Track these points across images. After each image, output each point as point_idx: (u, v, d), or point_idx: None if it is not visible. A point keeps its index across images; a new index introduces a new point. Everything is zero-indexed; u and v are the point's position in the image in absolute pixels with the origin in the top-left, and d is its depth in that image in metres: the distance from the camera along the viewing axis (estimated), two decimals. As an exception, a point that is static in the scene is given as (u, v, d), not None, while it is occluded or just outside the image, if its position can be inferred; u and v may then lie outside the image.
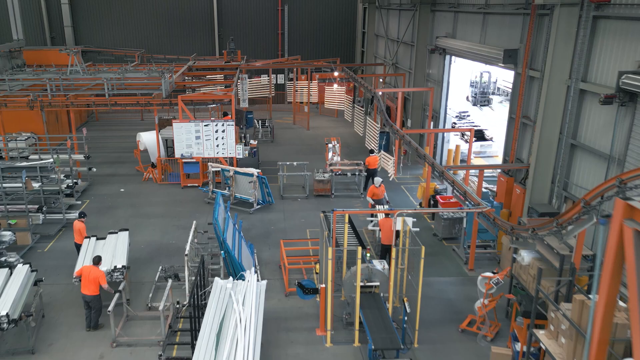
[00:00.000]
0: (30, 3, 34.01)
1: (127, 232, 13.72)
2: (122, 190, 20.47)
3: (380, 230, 14.02)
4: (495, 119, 30.82)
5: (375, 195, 16.13)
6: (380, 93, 21.04)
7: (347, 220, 11.86)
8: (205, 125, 20.11)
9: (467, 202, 11.90)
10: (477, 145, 24.32)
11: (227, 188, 19.22)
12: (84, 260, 12.63)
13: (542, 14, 13.31)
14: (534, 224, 9.04)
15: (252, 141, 22.92)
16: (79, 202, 18.06)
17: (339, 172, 19.57)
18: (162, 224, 17.31)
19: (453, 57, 20.12)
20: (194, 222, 13.98)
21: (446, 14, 20.24)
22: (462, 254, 14.41)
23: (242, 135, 22.47)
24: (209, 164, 19.19)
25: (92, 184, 20.95)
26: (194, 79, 29.36)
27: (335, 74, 30.96)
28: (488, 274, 10.58)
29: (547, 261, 10.07)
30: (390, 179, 18.31)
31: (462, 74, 21.39)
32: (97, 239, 13.66)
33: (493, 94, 33.57)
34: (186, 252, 11.93)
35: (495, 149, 24.39)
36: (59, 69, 22.12)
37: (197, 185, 20.67)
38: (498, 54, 14.72)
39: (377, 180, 16.28)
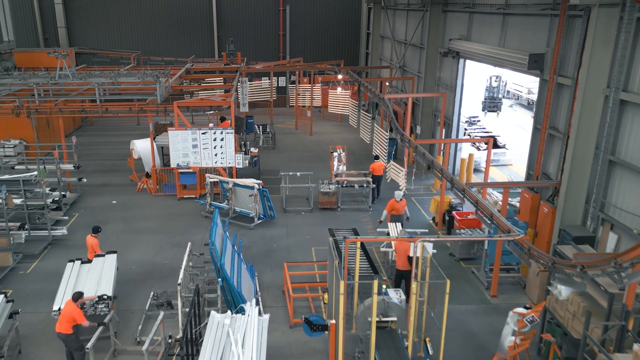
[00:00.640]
0: (22, 3, 32.77)
1: (114, 256, 12.47)
2: (114, 202, 19.22)
3: (394, 251, 12.78)
4: (504, 125, 29.59)
5: (395, 210, 14.84)
6: (388, 99, 19.77)
7: (358, 245, 10.59)
8: (202, 133, 18.87)
9: (492, 224, 10.64)
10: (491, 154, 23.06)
11: (225, 201, 17.98)
12: (65, 288, 11.39)
13: (574, 15, 12.06)
14: (583, 260, 7.76)
15: (252, 149, 21.67)
16: (66, 218, 16.78)
17: (346, 183, 18.31)
18: (156, 240, 16.05)
19: (466, 61, 18.86)
20: (189, 243, 12.70)
21: (460, 14, 18.99)
22: (483, 278, 13.15)
23: (242, 143, 21.22)
24: (207, 175, 17.94)
25: (83, 195, 19.69)
26: (192, 83, 28.11)
27: (339, 76, 29.72)
28: (520, 309, 9.31)
29: (589, 297, 8.82)
30: (403, 190, 17.03)
31: (474, 78, 20.14)
32: (82, 262, 12.39)
33: (503, 98, 32.28)
34: (179, 281, 10.67)
35: (509, 157, 23.13)
36: (48, 73, 20.82)
37: (194, 197, 19.42)
38: (522, 59, 13.46)
39: (398, 194, 14.96)
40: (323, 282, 12.94)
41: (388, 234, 14.40)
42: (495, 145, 24.20)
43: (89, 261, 12.41)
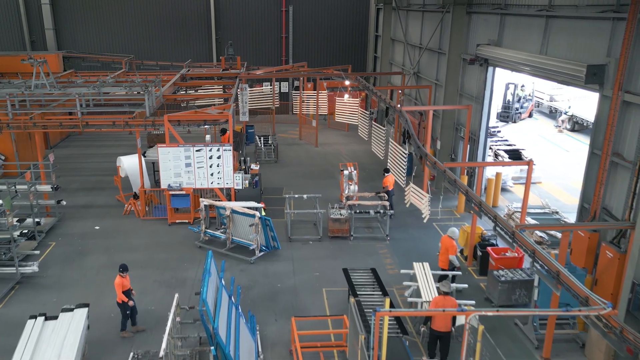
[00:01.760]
0: (7, 2, 30.58)
1: (84, 311, 10.26)
2: (96, 228, 17.00)
3: (423, 301, 10.59)
4: (525, 135, 27.38)
5: (451, 249, 12.48)
6: (403, 110, 17.53)
7: (387, 305, 8.37)
8: (197, 150, 16.68)
9: (558, 283, 8.42)
10: (516, 169, 20.86)
11: (222, 227, 15.76)
12: (22, 354, 9.19)
13: (646, 19, 9.87)
14: None
15: (253, 166, 19.47)
16: (37, 253, 14.55)
17: (359, 209, 16.13)
18: (141, 278, 13.82)
19: (496, 69, 16.66)
20: (176, 296, 10.48)
21: (488, 16, 16.78)
22: (532, 335, 10.93)
23: (242, 159, 19.01)
24: (201, 200, 15.72)
25: (62, 219, 17.48)
26: (188, 90, 25.93)
27: (347, 82, 27.51)
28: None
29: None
30: (425, 220, 14.86)
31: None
32: (46, 318, 10.18)
33: (522, 107, 30.04)
34: (161, 354, 8.44)
35: (537, 174, 20.86)
36: (24, 82, 18.60)
37: (187, 221, 17.21)
38: (577, 71, 11.24)
39: (454, 231, 12.57)
40: (339, 343, 10.73)
41: (414, 276, 12.19)
42: (519, 159, 22.02)
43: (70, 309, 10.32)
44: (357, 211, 15.97)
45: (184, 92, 28.34)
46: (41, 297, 12.97)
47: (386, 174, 17.55)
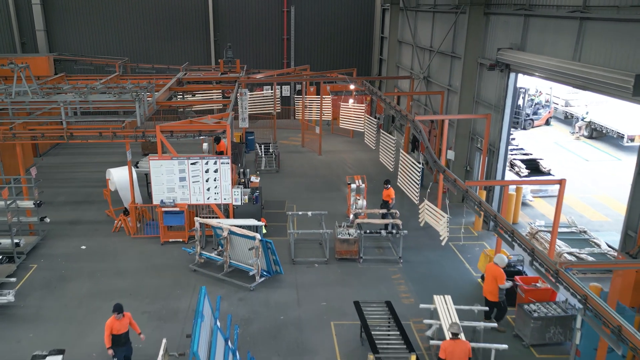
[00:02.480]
0: (-5, 3, 29.24)
1: (59, 359, 8.87)
2: (83, 247, 15.62)
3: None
4: (540, 142, 26.00)
5: (500, 278, 11.00)
6: (420, 120, 16.14)
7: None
8: (192, 164, 15.31)
9: (618, 338, 7.05)
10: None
11: (219, 247, 14.37)
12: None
13: None
14: None
15: (253, 178, 18.10)
16: (13, 280, 13.10)
17: (370, 229, 14.75)
18: (128, 309, 12.22)
19: (518, 76, 15.28)
20: (163, 341, 9.10)
21: (509, 18, 15.40)
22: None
23: (241, 171, 17.64)
24: (196, 219, 14.34)
25: (46, 238, 16.11)
26: (185, 96, 24.57)
27: (352, 87, 26.20)
28: None
29: None
30: (443, 243, 13.48)
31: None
32: (14, 368, 8.81)
33: (535, 115, 28.63)
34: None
35: (557, 186, 19.42)
36: (5, 89, 17.19)
37: (181, 240, 15.84)
38: (623, 80, 9.85)
39: (502, 258, 11.11)
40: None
41: (434, 311, 10.80)
42: (538, 171, 20.67)
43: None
44: (367, 231, 14.57)
45: (180, 96, 27.02)
46: (16, 332, 11.59)
47: (387, 186, 16.20)
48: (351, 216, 16.36)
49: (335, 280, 13.71)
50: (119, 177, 16.93)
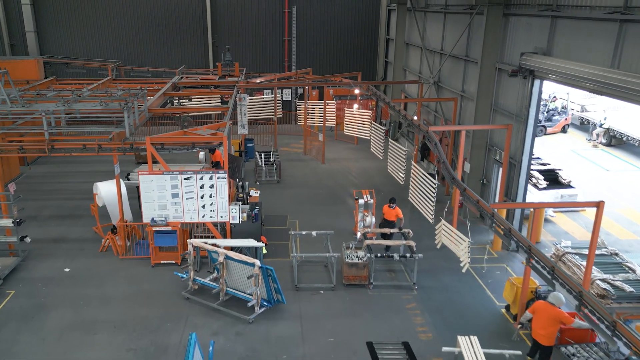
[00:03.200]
0: (-18, 2, 27.93)
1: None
2: (66, 270, 14.30)
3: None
4: (556, 149, 24.65)
5: (566, 319, 9.46)
6: (434, 131, 14.78)
7: None
8: (185, 179, 13.98)
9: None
10: (555, 195, 18.14)
11: (215, 272, 13.03)
12: None
13: None
14: None
15: (252, 192, 16.77)
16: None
17: (381, 253, 13.41)
18: (112, 345, 11.11)
19: (543, 83, 13.96)
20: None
21: (533, 19, 14.07)
22: None
23: (239, 184, 16.32)
24: (189, 241, 13.01)
25: (27, 258, 14.80)
26: (180, 102, 23.26)
27: (357, 91, 24.84)
28: None
29: None
30: (464, 270, 12.14)
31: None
32: None
33: (549, 121, 27.27)
34: None
35: (580, 200, 18.10)
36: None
37: (173, 262, 14.50)
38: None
39: (558, 297, 9.44)
40: None
41: (459, 355, 9.46)
42: (557, 182, 19.31)
43: None
44: (378, 255, 13.21)
45: (177, 102, 25.72)
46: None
47: (392, 206, 14.80)
48: (358, 234, 15.07)
49: (344, 310, 12.37)
50: (106, 192, 15.62)
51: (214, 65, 28.80)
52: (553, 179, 19.30)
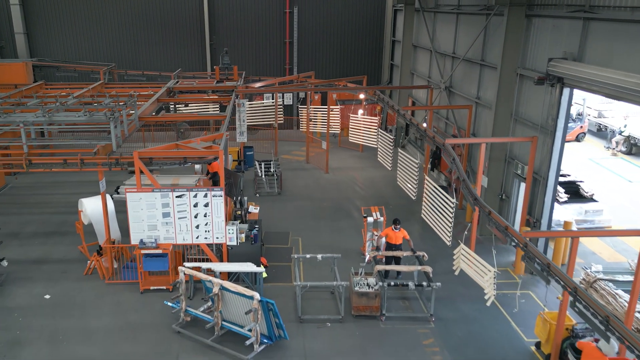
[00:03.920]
0: (-31, 3, 26.65)
1: None
2: (47, 297, 12.98)
3: None
4: (572, 158, 23.30)
5: None
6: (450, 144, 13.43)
7: None
8: (178, 196, 12.66)
9: None
10: (578, 209, 16.84)
11: (209, 302, 11.68)
12: None
13: None
14: None
15: (251, 208, 15.47)
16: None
17: (395, 283, 12.07)
18: (93, 391, 9.82)
19: (573, 91, 12.63)
20: None
21: (561, 21, 12.75)
22: None
23: (237, 199, 15.00)
24: (180, 268, 11.68)
25: (5, 283, 13.51)
26: (175, 108, 21.98)
27: (361, 96, 23.56)
28: None
29: None
30: (488, 304, 10.82)
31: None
32: None
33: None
34: None
35: (606, 216, 16.79)
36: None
37: (164, 287, 13.19)
38: None
39: (612, 346, 8.37)
40: None
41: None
42: (579, 196, 18.00)
43: None
44: (392, 284, 11.88)
45: (172, 107, 24.45)
46: None
47: (397, 227, 13.36)
48: (367, 256, 13.76)
49: (353, 347, 11.04)
50: (92, 209, 14.29)
51: (211, 69, 27.53)
52: (574, 192, 18.00)
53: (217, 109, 24.88)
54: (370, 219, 14.30)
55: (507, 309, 12.29)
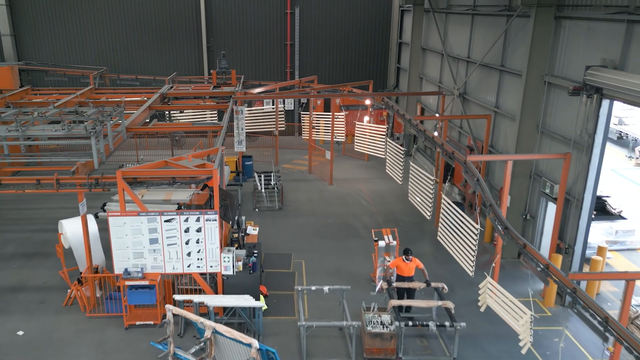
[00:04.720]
0: (-49, 3, 25.24)
1: None
2: (20, 333, 11.56)
3: None
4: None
5: None
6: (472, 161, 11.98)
7: None
8: (166, 221, 11.24)
9: None
10: (607, 229, 15.42)
11: (200, 344, 10.24)
12: None
13: None
14: None
15: (250, 229, 14.05)
16: None
17: (413, 323, 10.59)
18: None
19: (613, 103, 11.21)
20: None
21: (598, 24, 11.32)
22: None
23: (235, 218, 13.54)
24: (167, 307, 10.24)
25: (-27, 316, 12.08)
26: (169, 117, 20.56)
27: (367, 102, 22.11)
28: None
29: None
30: (524, 351, 9.39)
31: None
32: None
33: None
34: None
35: (637, 237, 15.37)
36: None
37: (151, 322, 11.76)
38: None
39: None
40: None
41: None
42: (605, 212, 16.58)
43: None
44: (409, 324, 10.44)
45: (167, 115, 23.10)
46: None
47: (408, 258, 11.82)
48: (378, 285, 12.35)
49: (366, 398, 9.62)
50: (72, 232, 12.85)
51: (208, 73, 26.12)
52: (600, 208, 16.57)
53: (215, 115, 23.53)
54: (381, 243, 12.87)
55: (539, 349, 10.85)
